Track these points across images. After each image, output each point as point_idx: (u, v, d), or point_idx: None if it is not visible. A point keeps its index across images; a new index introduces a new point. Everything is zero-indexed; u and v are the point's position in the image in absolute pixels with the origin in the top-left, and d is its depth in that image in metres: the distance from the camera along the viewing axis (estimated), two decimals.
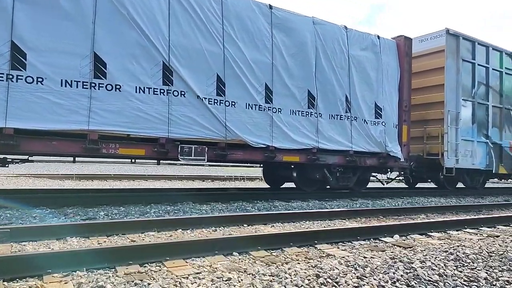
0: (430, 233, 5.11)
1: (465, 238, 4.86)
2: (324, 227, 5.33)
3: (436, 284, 2.91)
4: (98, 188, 9.04)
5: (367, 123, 8.96)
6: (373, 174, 10.45)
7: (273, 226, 5.34)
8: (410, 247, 4.16)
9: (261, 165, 9.94)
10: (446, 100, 10.33)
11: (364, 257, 3.58)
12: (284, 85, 7.81)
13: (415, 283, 2.89)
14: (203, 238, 4.04)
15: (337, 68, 8.50)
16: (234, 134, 7.14)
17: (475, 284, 2.98)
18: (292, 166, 8.81)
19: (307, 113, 8.12)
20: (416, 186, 12.73)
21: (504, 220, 6.19)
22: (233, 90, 7.16)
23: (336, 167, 8.71)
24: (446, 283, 2.94)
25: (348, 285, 2.79)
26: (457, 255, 3.71)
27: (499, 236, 5.05)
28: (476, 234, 5.24)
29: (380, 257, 3.57)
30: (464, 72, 10.79)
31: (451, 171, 10.31)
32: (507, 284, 3.01)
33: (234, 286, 2.68)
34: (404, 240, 4.63)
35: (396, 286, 2.84)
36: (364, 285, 2.81)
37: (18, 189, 8.29)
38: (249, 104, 7.38)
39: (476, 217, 6.48)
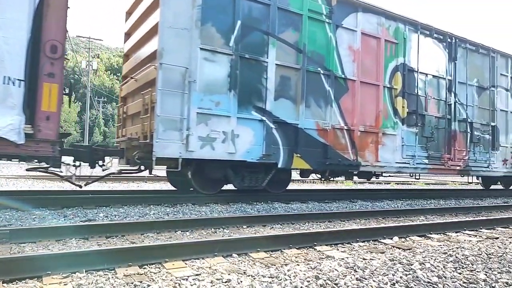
0: (429, 235, 5.11)
1: (464, 240, 4.87)
2: (324, 228, 5.34)
3: (436, 286, 2.92)
4: (97, 190, 9.02)
5: None
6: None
7: (273, 228, 5.34)
8: (409, 249, 4.17)
9: None
10: (163, 48, 6.42)
11: (364, 259, 3.59)
12: None
13: (414, 285, 2.90)
14: (203, 240, 4.05)
15: None
16: None
17: (474, 286, 2.99)
18: None
19: None
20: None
21: (503, 222, 6.19)
22: None
23: None
24: (446, 285, 2.94)
25: (348, 286, 2.79)
26: (456, 257, 3.72)
27: (498, 238, 5.07)
28: (475, 236, 5.25)
29: (379, 259, 3.58)
30: (211, 6, 6.90)
31: (174, 163, 6.68)
32: (506, 286, 3.02)
33: (234, 287, 2.69)
34: (404, 242, 4.64)
35: None
36: (363, 286, 2.81)
37: (18, 190, 8.28)
38: None
39: (475, 219, 6.49)
